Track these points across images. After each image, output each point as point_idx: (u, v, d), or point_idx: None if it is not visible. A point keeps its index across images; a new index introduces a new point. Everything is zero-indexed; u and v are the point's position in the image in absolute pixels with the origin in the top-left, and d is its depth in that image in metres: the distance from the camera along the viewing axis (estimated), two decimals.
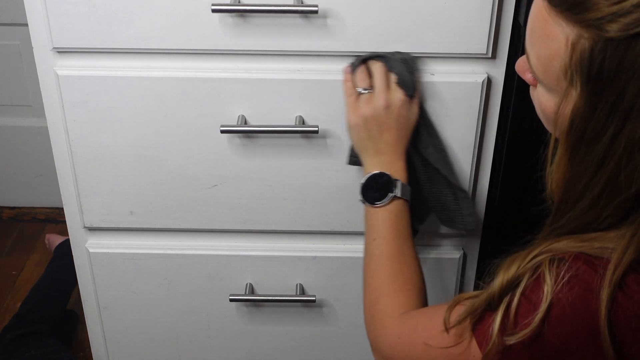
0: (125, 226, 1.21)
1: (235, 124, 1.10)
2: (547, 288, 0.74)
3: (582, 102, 0.72)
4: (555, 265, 0.75)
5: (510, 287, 0.77)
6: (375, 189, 1.02)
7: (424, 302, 0.98)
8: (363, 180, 1.03)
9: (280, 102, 1.09)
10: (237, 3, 1.01)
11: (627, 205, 0.73)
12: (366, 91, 1.03)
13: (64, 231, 1.69)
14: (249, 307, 1.28)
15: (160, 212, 1.19)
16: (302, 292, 1.26)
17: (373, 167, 1.03)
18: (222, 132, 1.09)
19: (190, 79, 1.08)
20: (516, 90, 1.09)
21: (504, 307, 0.77)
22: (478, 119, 1.10)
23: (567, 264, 0.74)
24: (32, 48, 1.07)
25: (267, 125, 1.10)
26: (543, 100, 0.79)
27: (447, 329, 0.83)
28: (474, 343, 0.81)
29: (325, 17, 1.03)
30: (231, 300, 1.24)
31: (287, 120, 1.11)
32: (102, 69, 1.07)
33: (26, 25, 1.05)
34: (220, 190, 1.16)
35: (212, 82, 1.08)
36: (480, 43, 1.04)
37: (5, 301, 2.07)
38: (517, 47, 1.06)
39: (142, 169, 1.15)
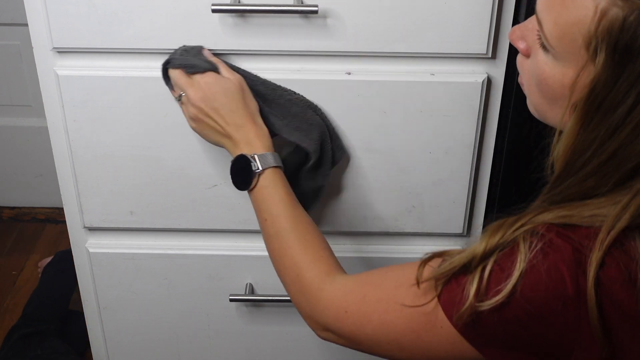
0: (125, 226, 1.21)
1: None
2: (521, 256, 0.74)
3: (604, 71, 0.71)
4: (529, 235, 0.75)
5: (491, 253, 0.77)
6: (241, 174, 0.99)
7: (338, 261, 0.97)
8: (230, 169, 1.01)
9: None
10: (237, 3, 1.01)
11: (628, 174, 0.73)
12: (182, 95, 1.01)
13: (64, 231, 1.69)
14: (249, 307, 1.28)
15: (160, 212, 1.19)
16: None
17: (232, 152, 1.01)
18: None
19: None
20: (516, 90, 1.09)
21: (479, 272, 0.77)
22: (478, 119, 1.10)
23: (539, 234, 0.75)
24: (32, 48, 1.07)
25: None
26: (546, 68, 0.77)
27: (418, 283, 0.82)
28: (438, 306, 0.80)
29: (325, 17, 1.03)
30: (231, 300, 1.24)
31: None
32: (102, 69, 1.07)
33: (26, 25, 1.05)
34: (220, 190, 1.16)
35: None
36: (480, 43, 1.04)
37: (5, 301, 2.07)
38: None
39: (142, 169, 1.15)
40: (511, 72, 1.08)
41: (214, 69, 1.01)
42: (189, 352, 1.34)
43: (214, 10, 1.00)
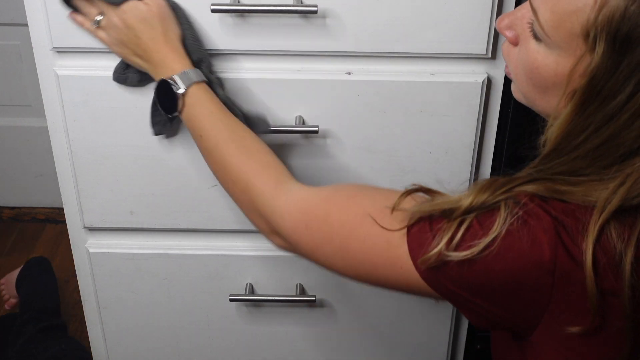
0: (125, 226, 1.21)
1: None
2: (500, 220, 0.75)
3: (603, 61, 0.71)
4: (512, 202, 0.76)
5: (474, 209, 0.78)
6: (166, 99, 0.99)
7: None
8: (154, 95, 1.01)
9: (280, 102, 1.09)
10: (237, 3, 1.01)
11: (619, 158, 0.74)
12: (101, 17, 1.00)
13: (64, 231, 1.69)
14: (249, 307, 1.28)
15: (160, 212, 1.19)
16: (302, 292, 1.26)
17: (155, 77, 1.00)
18: None
19: None
20: None
21: (457, 223, 0.77)
22: (478, 119, 1.10)
23: (521, 202, 0.76)
24: (32, 48, 1.07)
25: None
26: (539, 57, 0.77)
27: (393, 209, 0.82)
28: (404, 240, 0.80)
29: (324, 17, 1.03)
30: (231, 300, 1.24)
31: (287, 120, 1.11)
32: (102, 69, 1.07)
33: (26, 25, 1.05)
34: (221, 190, 1.16)
35: None
36: (480, 43, 1.04)
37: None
38: None
39: (142, 169, 1.15)
40: None
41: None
42: (189, 352, 1.34)
43: (213, 10, 1.00)
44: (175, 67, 0.99)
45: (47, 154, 1.21)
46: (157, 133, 1.09)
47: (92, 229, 1.22)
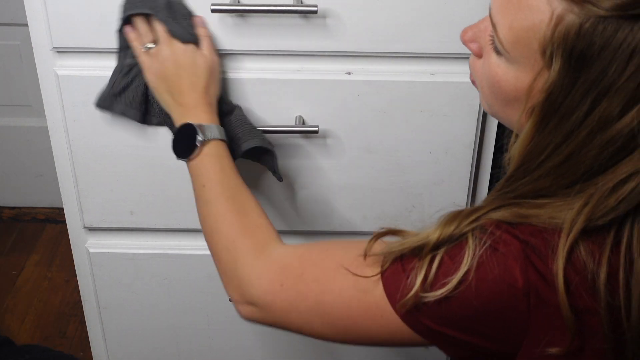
0: (125, 226, 1.21)
1: None
2: (469, 252, 0.75)
3: (560, 77, 0.71)
4: (479, 231, 0.76)
5: (443, 243, 0.77)
6: (184, 142, 0.98)
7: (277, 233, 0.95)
8: (172, 136, 1.00)
9: (280, 102, 1.09)
10: (236, 3, 1.01)
11: (582, 176, 0.74)
12: (153, 45, 1.01)
13: (64, 231, 1.68)
14: None
15: (160, 212, 1.19)
16: None
17: (178, 120, 1.00)
18: None
19: None
20: None
21: (428, 260, 0.77)
22: (478, 119, 1.10)
23: (488, 231, 0.75)
24: (32, 48, 1.07)
25: (267, 125, 1.10)
26: (499, 72, 0.77)
27: (365, 255, 0.82)
28: (379, 286, 0.80)
29: (324, 17, 1.03)
30: (231, 300, 1.23)
31: (287, 120, 1.11)
32: (102, 69, 1.07)
33: (26, 25, 1.05)
34: None
35: None
36: None
37: (5, 301, 2.06)
38: None
39: (142, 169, 1.15)
40: None
41: (195, 42, 1.01)
42: (189, 352, 1.34)
43: (213, 10, 1.00)
44: (204, 118, 0.99)
45: (47, 154, 1.21)
46: (99, 105, 1.07)
47: (92, 229, 1.22)
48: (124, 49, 1.04)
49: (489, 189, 1.18)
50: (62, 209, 1.22)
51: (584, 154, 0.73)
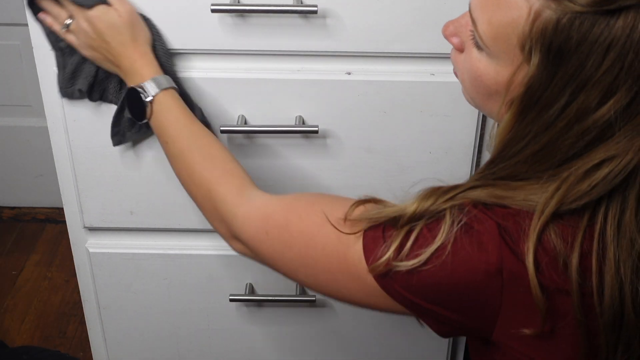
0: (125, 226, 1.21)
1: (235, 124, 1.10)
2: (445, 227, 0.77)
3: (539, 71, 0.73)
4: (457, 209, 0.78)
5: (419, 216, 0.79)
6: (136, 106, 1.00)
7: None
8: (120, 104, 1.02)
9: (280, 102, 1.09)
10: (236, 3, 1.01)
11: (558, 163, 0.75)
12: (70, 22, 1.01)
13: (64, 231, 1.68)
14: (249, 307, 1.28)
15: (160, 212, 1.19)
16: (302, 292, 1.26)
17: (127, 83, 1.02)
18: (222, 132, 1.09)
19: (190, 78, 1.08)
20: None
21: (405, 231, 0.79)
22: (478, 119, 1.10)
23: (465, 209, 0.77)
24: (32, 48, 1.07)
25: (267, 125, 1.10)
26: (480, 66, 0.79)
27: (345, 218, 0.83)
28: (360, 245, 0.81)
29: (324, 17, 1.03)
30: (231, 300, 1.24)
31: (287, 120, 1.11)
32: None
33: (26, 25, 1.05)
34: None
35: (212, 82, 1.08)
36: None
37: (5, 301, 2.06)
38: None
39: (142, 169, 1.15)
40: None
41: (102, 1, 1.00)
42: (189, 352, 1.34)
43: (213, 10, 1.00)
44: (144, 74, 1.00)
45: (47, 154, 1.21)
46: (116, 144, 1.10)
47: (92, 229, 1.22)
48: (50, 33, 1.04)
49: None
50: (62, 209, 1.22)
51: (560, 142, 0.74)
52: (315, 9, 0.99)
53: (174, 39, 1.05)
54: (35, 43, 1.07)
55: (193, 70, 1.08)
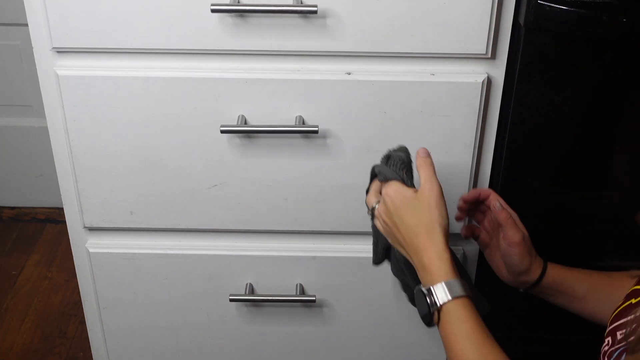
0: (125, 226, 1.21)
1: (235, 124, 1.10)
2: None
3: None
4: None
5: None
6: (422, 306, 0.90)
7: None
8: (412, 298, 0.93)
9: (280, 102, 1.09)
10: (236, 3, 1.01)
11: None
12: (375, 206, 0.98)
13: (64, 231, 1.68)
14: (249, 307, 1.28)
15: (160, 212, 1.19)
16: (302, 292, 1.26)
17: (419, 277, 0.93)
18: (222, 132, 1.09)
19: (190, 79, 1.08)
20: (516, 90, 1.08)
21: None
22: (478, 119, 1.10)
23: None
24: (32, 48, 1.07)
25: (267, 125, 1.10)
26: None
27: None
28: None
29: (324, 17, 1.03)
30: (231, 300, 1.24)
31: (287, 120, 1.11)
32: (102, 69, 1.07)
33: (26, 25, 1.05)
34: (220, 190, 1.16)
35: (212, 82, 1.08)
36: (480, 43, 1.04)
37: (5, 301, 2.06)
38: (517, 47, 1.05)
39: (142, 169, 1.15)
40: (511, 72, 1.08)
41: (399, 178, 0.94)
42: (189, 352, 1.34)
43: (213, 10, 1.00)
44: (433, 273, 0.90)
45: (47, 154, 1.21)
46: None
47: (92, 229, 1.22)
48: None
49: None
50: (62, 209, 1.22)
51: None
52: (315, 9, 0.99)
53: (174, 39, 1.05)
54: (35, 43, 1.07)
55: (193, 70, 1.08)
